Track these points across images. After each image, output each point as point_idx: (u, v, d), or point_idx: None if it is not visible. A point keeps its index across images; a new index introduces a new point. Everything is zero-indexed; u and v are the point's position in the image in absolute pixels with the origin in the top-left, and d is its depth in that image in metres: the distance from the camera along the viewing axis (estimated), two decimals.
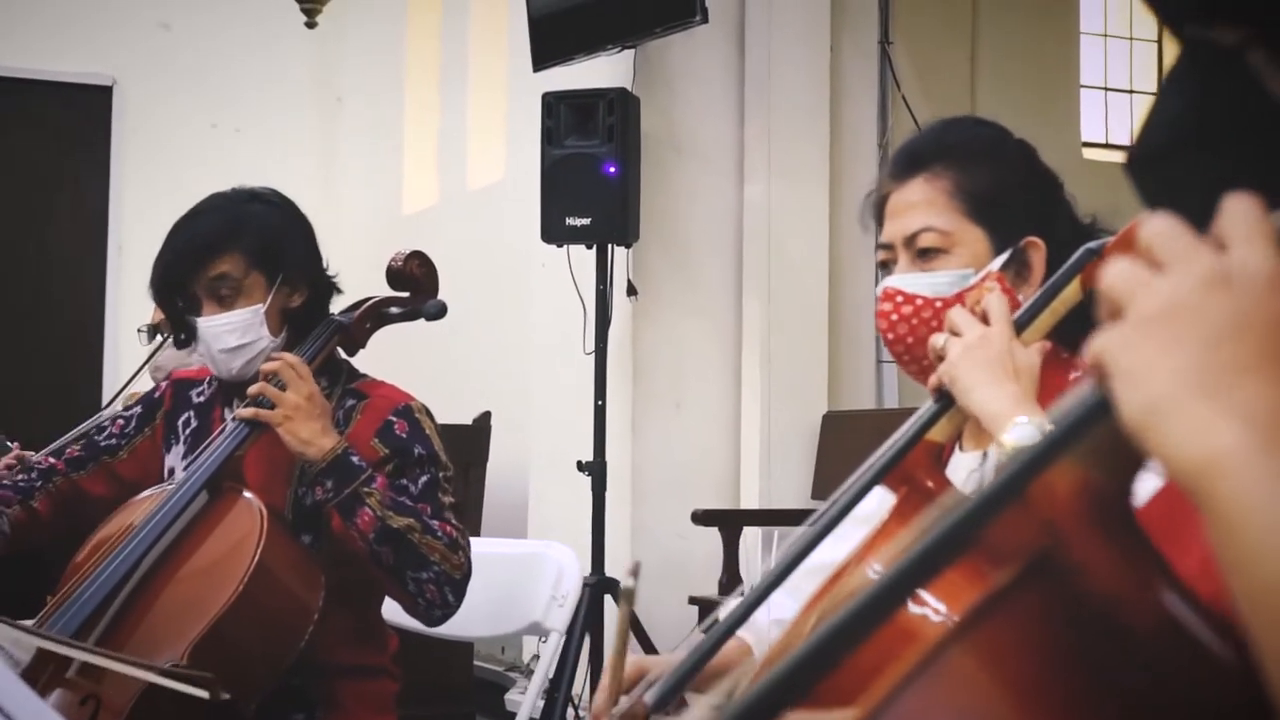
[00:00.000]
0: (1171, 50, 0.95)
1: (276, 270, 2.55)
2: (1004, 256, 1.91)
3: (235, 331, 2.51)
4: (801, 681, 0.80)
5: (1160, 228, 0.79)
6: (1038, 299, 1.80)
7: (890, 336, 1.93)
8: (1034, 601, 0.77)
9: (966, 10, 5.84)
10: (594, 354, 4.95)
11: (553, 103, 4.99)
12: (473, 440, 5.81)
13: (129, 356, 6.14)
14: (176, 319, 2.58)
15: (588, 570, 4.80)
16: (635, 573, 1.61)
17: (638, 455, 5.25)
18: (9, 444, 4.04)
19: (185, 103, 7.77)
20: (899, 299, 1.92)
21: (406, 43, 7.73)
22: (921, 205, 1.93)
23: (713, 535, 4.93)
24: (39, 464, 2.71)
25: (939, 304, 1.89)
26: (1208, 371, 0.74)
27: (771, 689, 0.80)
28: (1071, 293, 1.78)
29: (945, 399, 1.77)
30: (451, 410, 5.91)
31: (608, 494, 4.90)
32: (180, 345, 2.69)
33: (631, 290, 5.15)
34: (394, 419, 2.54)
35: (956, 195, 1.92)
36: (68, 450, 2.73)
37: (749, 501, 5.28)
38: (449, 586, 2.46)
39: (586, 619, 4.63)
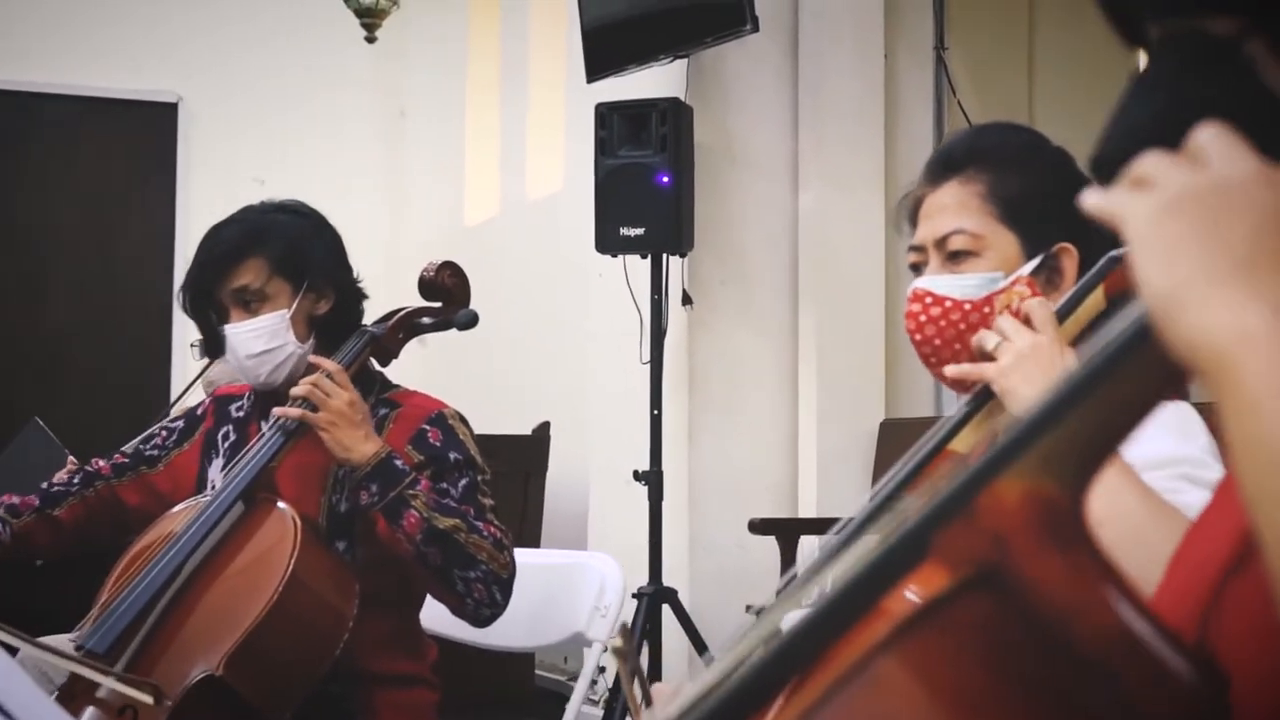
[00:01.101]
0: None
1: (301, 277, 2.58)
2: (1035, 261, 1.90)
3: (261, 336, 2.54)
4: (763, 688, 0.80)
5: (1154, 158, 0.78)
6: (1062, 306, 1.79)
7: (918, 337, 1.93)
8: (976, 613, 0.75)
9: (1023, 15, 5.78)
10: (649, 364, 4.95)
11: (606, 113, 5.00)
12: (532, 450, 5.83)
13: (195, 371, 6.21)
14: (208, 330, 2.61)
15: (645, 580, 4.80)
16: (624, 634, 1.60)
17: (694, 464, 5.24)
18: (73, 459, 4.10)
19: (249, 118, 7.85)
20: (928, 300, 1.91)
21: (467, 55, 7.78)
22: (953, 208, 1.93)
23: (770, 544, 4.91)
24: (87, 467, 2.75)
25: (967, 306, 1.89)
26: (1246, 257, 0.74)
27: (735, 696, 0.80)
28: (1095, 300, 1.76)
29: (977, 402, 1.76)
30: (511, 420, 5.95)
31: (665, 503, 4.89)
32: (212, 356, 2.72)
33: (686, 299, 5.15)
34: (427, 427, 2.56)
35: (989, 199, 1.92)
36: (115, 456, 2.77)
37: (806, 510, 5.26)
38: (497, 585, 2.48)
39: (643, 628, 4.63)
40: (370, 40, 6.91)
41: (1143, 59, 0.96)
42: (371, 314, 2.77)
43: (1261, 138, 0.78)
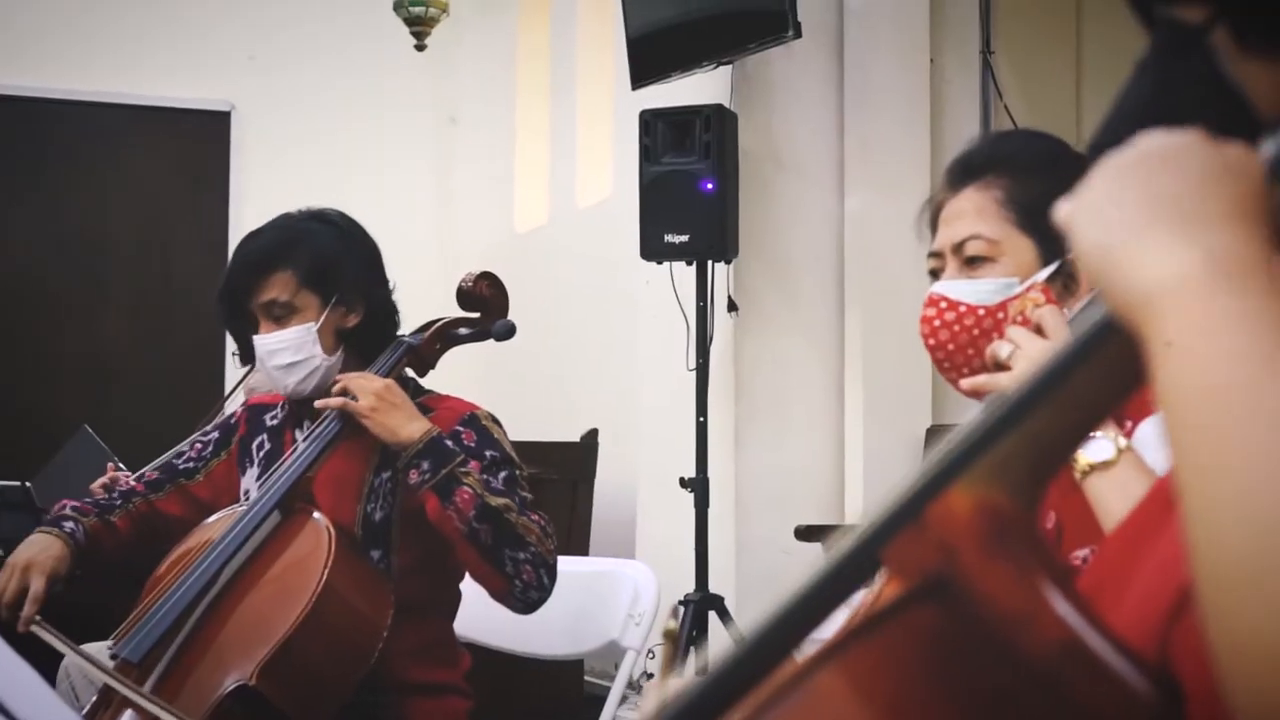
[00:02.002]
0: None
1: (330, 290, 2.59)
2: (1051, 268, 1.89)
3: (288, 349, 2.56)
4: (722, 698, 0.80)
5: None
6: (1076, 315, 1.79)
7: (931, 343, 1.93)
8: (923, 624, 0.75)
9: (1070, 17, 5.73)
10: (695, 370, 4.95)
11: (650, 120, 5.00)
12: (580, 457, 5.83)
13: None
14: (240, 337, 2.64)
15: (691, 587, 4.80)
16: (676, 614, 1.60)
17: (740, 471, 5.23)
18: (119, 463, 4.14)
19: (302, 127, 7.90)
20: (942, 305, 1.91)
21: (517, 63, 7.80)
22: (971, 213, 1.93)
23: (816, 550, 4.90)
24: (121, 487, 2.78)
25: (981, 311, 1.88)
26: (1179, 208, 0.74)
27: (698, 700, 0.80)
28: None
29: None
30: (560, 427, 5.96)
31: (711, 510, 4.89)
32: (243, 362, 2.75)
33: (732, 306, 5.14)
34: (461, 429, 2.57)
35: (1007, 205, 1.92)
36: (146, 474, 2.80)
37: (853, 517, 5.24)
38: (544, 569, 2.49)
39: (689, 635, 4.63)
40: (420, 48, 6.95)
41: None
42: (417, 320, 2.78)
43: (1222, 127, 0.78)
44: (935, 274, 1.97)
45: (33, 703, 1.50)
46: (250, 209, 7.71)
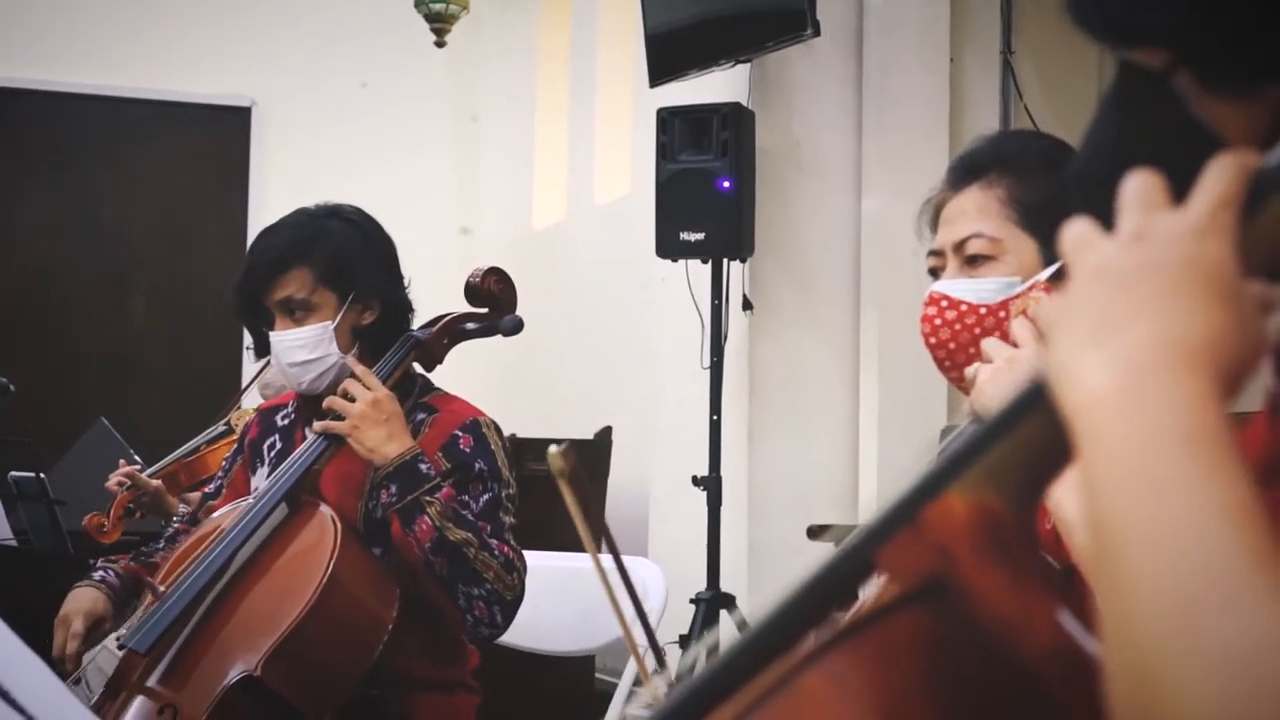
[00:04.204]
0: None
1: (347, 288, 2.59)
2: (1053, 268, 1.88)
3: (304, 347, 2.56)
4: (708, 699, 0.80)
5: (1134, 186, 0.78)
6: None
7: (932, 341, 1.92)
8: (917, 625, 0.75)
9: None
10: (710, 369, 4.94)
11: (667, 118, 5.00)
12: (595, 455, 5.83)
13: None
14: (256, 332, 2.64)
15: (703, 585, 4.79)
16: (566, 453, 1.58)
17: (754, 470, 5.23)
18: (134, 456, 4.16)
19: (322, 123, 7.92)
20: (943, 304, 1.91)
21: (537, 60, 7.81)
22: (973, 212, 1.92)
23: (829, 550, 4.89)
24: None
25: (983, 310, 1.88)
26: (1103, 321, 0.74)
27: (688, 699, 0.80)
28: None
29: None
30: (575, 424, 5.96)
31: (724, 509, 4.88)
32: (259, 356, 2.75)
33: (747, 305, 5.14)
34: (460, 434, 2.57)
35: (1009, 204, 1.91)
36: (183, 516, 2.84)
37: (867, 517, 5.23)
38: (499, 606, 2.48)
39: (702, 632, 4.62)
40: (440, 45, 6.95)
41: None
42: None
43: (1192, 168, 0.77)
44: (935, 273, 1.97)
45: (38, 691, 1.50)
46: (270, 204, 7.72)
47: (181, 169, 7.90)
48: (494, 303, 2.72)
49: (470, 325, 2.72)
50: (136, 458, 4.15)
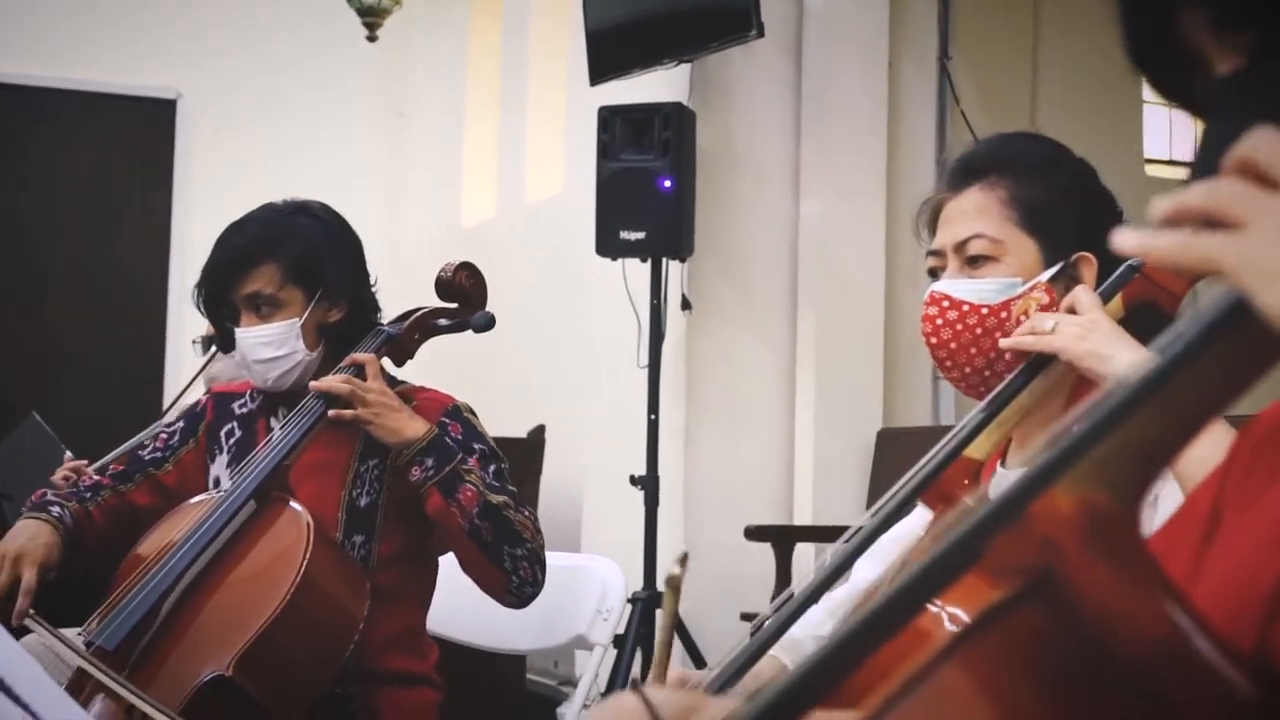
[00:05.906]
0: None
1: (315, 285, 2.57)
2: (1054, 269, 1.90)
3: (270, 344, 2.54)
4: (819, 684, 0.79)
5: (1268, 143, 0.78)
6: None
7: (933, 340, 1.93)
8: (1030, 621, 0.75)
9: (1028, 24, 5.78)
10: (647, 368, 4.95)
11: (608, 117, 5.00)
12: (527, 454, 5.81)
13: (191, 367, 6.19)
14: (220, 326, 2.61)
15: (639, 585, 4.79)
16: (683, 562, 1.59)
17: (691, 470, 5.24)
18: (66, 452, 4.09)
19: (249, 116, 7.84)
20: (945, 304, 1.92)
21: (468, 57, 7.77)
22: (974, 213, 1.93)
23: (765, 551, 4.91)
24: (86, 480, 2.74)
25: (984, 310, 1.89)
26: None
27: (793, 687, 0.80)
28: (1114, 309, 1.77)
29: (991, 409, 1.77)
30: (507, 423, 5.93)
31: (660, 508, 4.89)
32: (224, 350, 2.72)
33: (686, 304, 5.14)
34: (446, 420, 2.57)
35: (1010, 205, 1.93)
36: (112, 466, 2.76)
37: (802, 518, 5.26)
38: (538, 565, 2.52)
39: (637, 633, 4.62)
40: (371, 39, 6.90)
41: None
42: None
43: None
44: (934, 273, 1.98)
45: (35, 692, 1.48)
46: (195, 198, 7.64)
47: (105, 161, 7.79)
48: (464, 298, 2.71)
49: (442, 321, 2.70)
50: (69, 452, 4.08)
